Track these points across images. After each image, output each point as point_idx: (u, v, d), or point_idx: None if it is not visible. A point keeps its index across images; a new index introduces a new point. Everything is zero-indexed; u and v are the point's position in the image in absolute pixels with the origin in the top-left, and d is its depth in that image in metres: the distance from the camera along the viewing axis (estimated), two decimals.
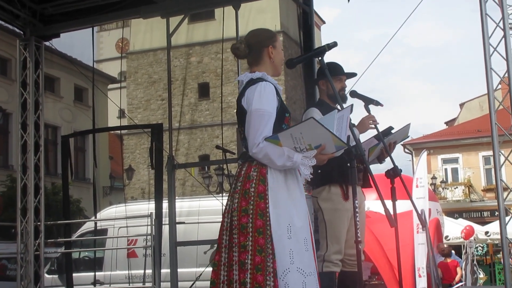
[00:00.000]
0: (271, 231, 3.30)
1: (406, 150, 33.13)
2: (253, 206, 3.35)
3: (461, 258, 17.18)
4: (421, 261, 9.29)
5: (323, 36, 43.31)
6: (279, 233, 3.30)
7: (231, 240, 3.40)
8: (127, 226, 9.63)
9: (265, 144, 3.32)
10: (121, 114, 17.97)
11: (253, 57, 3.64)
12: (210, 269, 3.54)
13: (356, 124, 4.62)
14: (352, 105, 3.71)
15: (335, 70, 4.75)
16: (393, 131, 4.81)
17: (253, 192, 3.37)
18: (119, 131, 31.25)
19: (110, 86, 28.51)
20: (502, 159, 5.41)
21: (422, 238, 9.32)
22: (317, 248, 4.42)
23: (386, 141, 4.72)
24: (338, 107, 4.70)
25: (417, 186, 10.02)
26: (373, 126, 4.63)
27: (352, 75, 4.96)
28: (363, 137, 4.75)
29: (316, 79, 4.88)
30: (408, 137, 5.01)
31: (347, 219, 4.52)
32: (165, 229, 7.67)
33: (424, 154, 11.03)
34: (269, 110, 3.39)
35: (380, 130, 4.75)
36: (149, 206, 8.44)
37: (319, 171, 4.35)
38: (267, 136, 3.34)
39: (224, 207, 3.55)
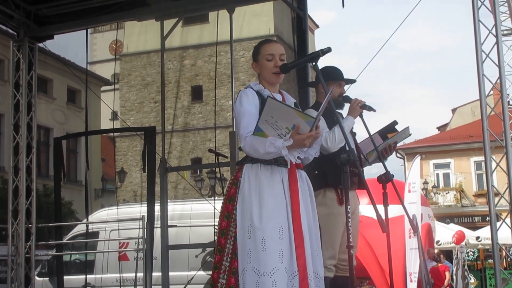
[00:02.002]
0: (236, 232, 3.48)
1: (398, 155, 33.19)
2: (222, 208, 3.61)
3: (452, 263, 17.22)
4: (413, 266, 9.30)
5: (317, 40, 43.45)
6: (242, 233, 3.45)
7: None
8: (118, 229, 9.60)
9: (251, 137, 3.45)
10: (114, 116, 17.96)
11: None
12: (201, 272, 3.69)
13: (347, 112, 4.63)
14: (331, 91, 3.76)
15: (336, 74, 4.76)
16: (396, 127, 4.84)
17: (225, 195, 3.63)
18: (111, 133, 31.27)
19: (103, 88, 28.45)
20: (494, 164, 5.44)
21: (414, 243, 9.33)
22: None
23: (385, 145, 4.74)
24: (341, 112, 4.74)
25: (409, 191, 10.04)
26: (361, 105, 4.60)
27: (351, 81, 4.96)
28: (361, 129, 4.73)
29: (316, 82, 4.86)
30: (410, 134, 5.02)
31: (342, 224, 4.50)
32: (157, 232, 7.66)
33: (418, 160, 11.05)
34: (248, 108, 3.57)
35: (383, 126, 4.79)
36: (141, 209, 8.43)
37: (316, 172, 4.34)
38: (252, 129, 3.46)
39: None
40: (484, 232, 20.04)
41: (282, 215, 3.48)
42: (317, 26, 44.75)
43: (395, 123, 4.89)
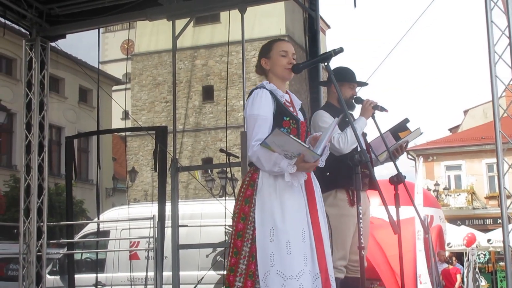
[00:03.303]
0: (254, 235, 3.41)
1: (410, 156, 33.08)
2: (238, 210, 3.52)
3: (463, 265, 17.16)
4: (421, 268, 9.27)
5: (328, 41, 43.35)
6: (263, 236, 3.39)
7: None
8: (129, 228, 9.63)
9: (258, 148, 3.41)
10: (125, 115, 18.00)
11: (260, 70, 3.83)
12: (212, 272, 3.66)
13: (360, 113, 4.61)
14: (337, 119, 3.73)
15: (348, 76, 4.75)
16: (407, 125, 4.82)
17: (241, 197, 3.53)
18: (123, 133, 31.42)
19: (114, 87, 28.52)
20: (506, 166, 5.40)
21: (421, 244, 9.32)
22: None
23: (396, 145, 4.73)
24: (353, 113, 4.72)
25: (417, 193, 10.03)
26: (373, 106, 4.58)
27: (363, 84, 4.94)
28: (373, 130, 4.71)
29: (328, 81, 4.85)
30: (421, 133, 5.00)
31: (353, 225, 4.50)
32: (168, 231, 7.68)
33: (420, 161, 11.10)
34: (262, 114, 3.52)
35: (395, 124, 4.77)
36: (152, 209, 8.46)
37: (328, 173, 4.33)
38: (261, 138, 3.41)
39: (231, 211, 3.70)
40: (496, 235, 19.92)
41: (303, 218, 3.48)
42: (329, 27, 44.67)
43: (406, 120, 4.87)
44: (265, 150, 3.38)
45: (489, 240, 20.48)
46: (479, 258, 23.31)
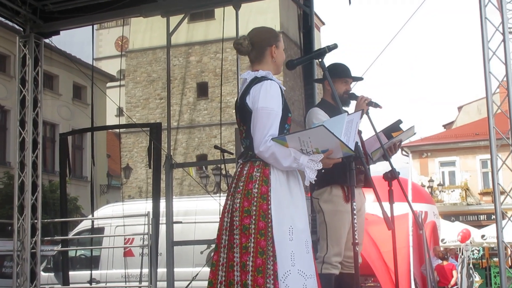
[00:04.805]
0: (273, 233, 3.28)
1: (404, 153, 33.17)
2: (255, 207, 3.32)
3: (457, 261, 17.22)
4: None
5: (323, 37, 43.39)
6: (281, 234, 3.29)
7: (231, 240, 3.37)
8: (124, 225, 9.63)
9: (272, 144, 3.30)
10: (120, 112, 18.04)
11: (255, 55, 3.61)
12: (206, 269, 3.56)
13: (354, 110, 4.59)
14: (362, 111, 3.69)
15: (342, 71, 4.74)
16: (401, 125, 4.82)
17: (256, 193, 3.34)
18: (117, 129, 31.40)
19: (109, 84, 28.48)
20: (500, 162, 5.41)
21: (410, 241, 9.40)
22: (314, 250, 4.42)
23: (390, 143, 4.73)
24: (347, 109, 4.71)
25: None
26: (367, 102, 4.58)
27: (359, 79, 4.93)
28: (368, 133, 4.72)
29: (322, 78, 4.85)
30: (415, 133, 5.01)
31: (348, 221, 4.49)
32: (162, 228, 7.68)
33: (410, 158, 11.22)
34: (276, 109, 3.37)
35: (388, 124, 4.78)
36: (146, 205, 8.45)
37: (323, 170, 4.35)
38: (274, 135, 3.32)
39: (223, 207, 3.51)
40: (490, 231, 20.01)
41: (307, 216, 3.47)
42: (323, 23, 44.71)
43: (399, 122, 4.87)
44: (279, 145, 3.29)
45: (483, 236, 20.57)
46: (473, 254, 23.42)
